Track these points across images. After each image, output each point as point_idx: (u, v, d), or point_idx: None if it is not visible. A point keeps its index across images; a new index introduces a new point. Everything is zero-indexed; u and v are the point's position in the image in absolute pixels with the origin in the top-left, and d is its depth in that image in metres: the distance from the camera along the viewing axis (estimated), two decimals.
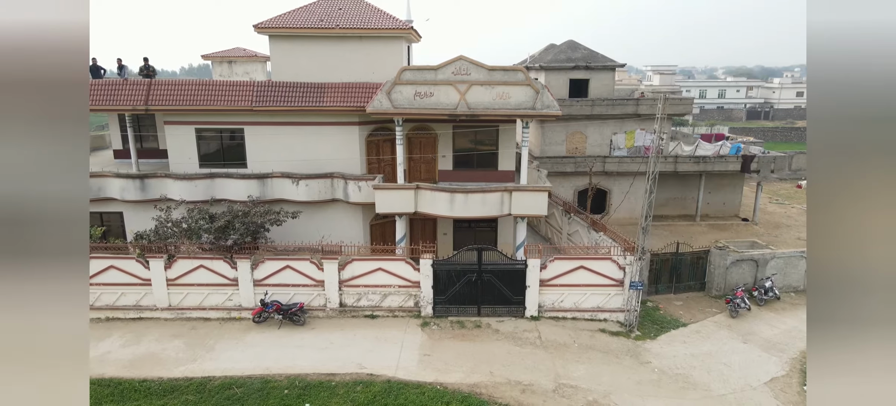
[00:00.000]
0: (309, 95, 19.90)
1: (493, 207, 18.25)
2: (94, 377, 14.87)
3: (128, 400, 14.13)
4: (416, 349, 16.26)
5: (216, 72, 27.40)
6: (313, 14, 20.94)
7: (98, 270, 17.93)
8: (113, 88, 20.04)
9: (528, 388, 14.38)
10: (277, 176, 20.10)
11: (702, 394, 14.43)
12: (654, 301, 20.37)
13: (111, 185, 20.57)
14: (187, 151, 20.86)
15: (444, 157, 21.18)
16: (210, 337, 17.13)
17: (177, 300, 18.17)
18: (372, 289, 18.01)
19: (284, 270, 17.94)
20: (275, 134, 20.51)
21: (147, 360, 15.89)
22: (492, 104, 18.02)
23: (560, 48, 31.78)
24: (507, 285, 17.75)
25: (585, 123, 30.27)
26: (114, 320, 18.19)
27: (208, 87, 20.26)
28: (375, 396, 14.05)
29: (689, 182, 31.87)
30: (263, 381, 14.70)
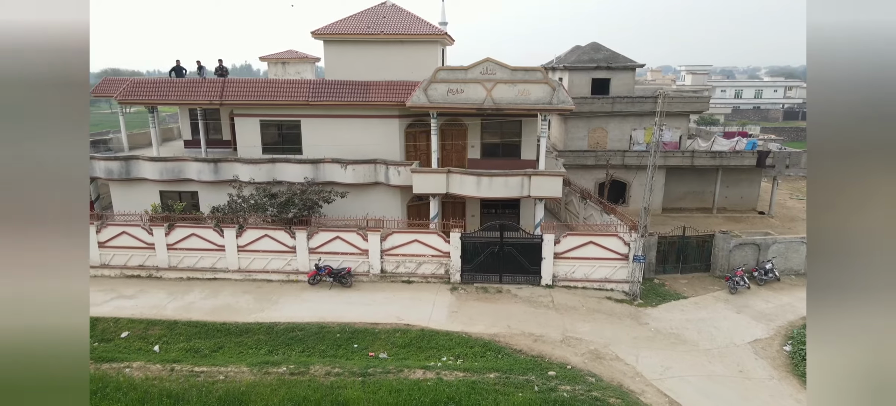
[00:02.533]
0: (356, 92, 23.03)
1: (514, 189, 20.96)
2: (183, 320, 18.35)
3: (212, 337, 17.48)
4: (445, 307, 19.13)
5: (271, 71, 30.90)
6: (361, 22, 24.10)
7: (181, 237, 21.50)
8: (194, 86, 23.69)
9: (539, 339, 17.05)
10: (328, 161, 23.28)
11: (689, 347, 16.78)
12: (661, 279, 22.59)
13: (189, 168, 24.18)
14: (253, 139, 24.33)
15: (472, 147, 23.99)
16: (273, 294, 20.42)
17: (245, 264, 21.56)
18: (408, 258, 20.97)
19: (335, 240, 21.09)
20: (326, 125, 23.75)
21: (224, 309, 19.27)
22: (514, 100, 20.73)
23: (584, 49, 34.09)
24: (525, 257, 20.43)
25: (606, 120, 32.52)
26: (193, 280, 21.71)
27: (272, 84, 23.66)
28: (411, 340, 16.98)
29: (707, 176, 33.65)
30: (319, 326, 17.82)
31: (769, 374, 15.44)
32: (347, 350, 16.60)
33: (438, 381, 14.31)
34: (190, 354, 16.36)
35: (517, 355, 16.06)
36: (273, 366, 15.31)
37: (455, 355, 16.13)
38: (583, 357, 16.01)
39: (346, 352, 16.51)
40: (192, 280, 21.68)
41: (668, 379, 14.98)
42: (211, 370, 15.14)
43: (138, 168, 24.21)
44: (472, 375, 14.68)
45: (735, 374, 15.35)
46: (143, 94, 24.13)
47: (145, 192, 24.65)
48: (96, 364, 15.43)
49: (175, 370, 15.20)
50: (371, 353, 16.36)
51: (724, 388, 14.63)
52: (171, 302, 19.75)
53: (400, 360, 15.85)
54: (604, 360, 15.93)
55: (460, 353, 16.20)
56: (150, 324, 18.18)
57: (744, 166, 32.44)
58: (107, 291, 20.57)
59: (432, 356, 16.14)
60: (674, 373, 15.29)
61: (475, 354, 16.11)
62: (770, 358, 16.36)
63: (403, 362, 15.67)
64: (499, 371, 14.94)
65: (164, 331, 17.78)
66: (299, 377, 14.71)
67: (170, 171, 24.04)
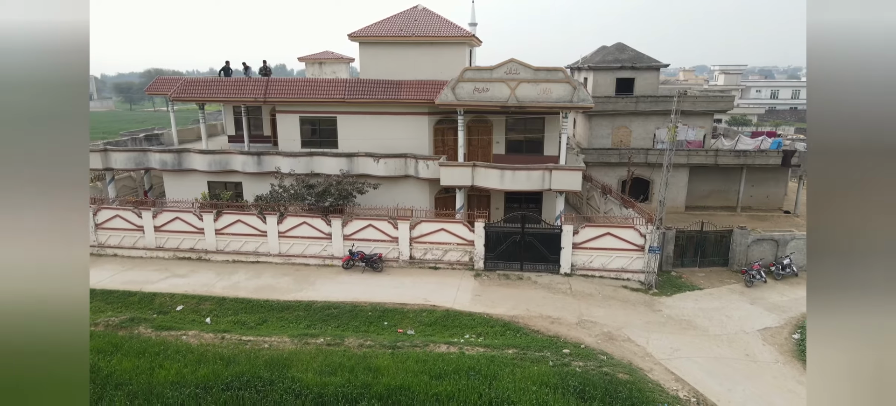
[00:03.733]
0: (389, 90, 24.59)
1: (535, 182, 22.16)
2: (231, 297, 20.22)
3: (257, 312, 19.27)
4: (469, 291, 20.48)
5: (309, 71, 32.87)
6: (394, 24, 25.67)
7: (228, 223, 23.46)
8: (241, 85, 25.69)
9: (556, 321, 18.23)
10: (362, 155, 24.92)
11: (699, 333, 17.69)
12: (679, 272, 23.40)
13: (234, 160, 26.19)
14: (292, 134, 26.19)
15: (497, 143, 25.27)
16: (310, 276, 22.16)
17: (285, 249, 23.37)
18: (435, 245, 22.41)
19: (367, 228, 22.69)
20: (361, 121, 25.41)
21: (266, 288, 21.09)
22: (537, 98, 21.92)
23: (609, 50, 34.92)
24: (545, 246, 21.60)
25: (630, 118, 33.28)
26: (238, 262, 23.66)
27: (311, 83, 25.46)
28: (437, 319, 18.40)
29: (732, 175, 34.00)
30: (352, 305, 19.42)
31: (775, 358, 16.26)
32: (378, 327, 18.13)
33: (461, 355, 15.67)
34: (238, 326, 18.17)
35: (534, 335, 17.30)
36: (311, 337, 16.96)
37: (477, 333, 17.47)
38: (596, 338, 17.13)
39: (377, 328, 18.03)
40: (237, 262, 23.63)
41: (675, 359, 15.97)
42: (257, 339, 16.88)
43: (189, 160, 26.36)
44: (492, 351, 15.99)
45: (741, 357, 16.22)
46: (194, 93, 26.27)
47: (195, 182, 26.79)
48: (156, 331, 17.39)
49: (225, 338, 17.01)
50: (400, 330, 17.84)
51: (729, 368, 15.54)
52: (220, 281, 21.69)
53: (426, 336, 17.28)
54: (616, 341, 17.02)
55: (482, 332, 17.53)
56: (201, 299, 20.12)
57: (769, 165, 32.71)
58: (162, 271, 22.70)
59: (456, 334, 17.51)
60: (682, 354, 16.26)
61: (495, 333, 17.41)
62: (778, 344, 17.14)
63: (429, 338, 17.09)
64: (517, 347, 16.21)
65: (214, 305, 19.69)
66: (335, 347, 16.29)
67: (217, 163, 26.10)
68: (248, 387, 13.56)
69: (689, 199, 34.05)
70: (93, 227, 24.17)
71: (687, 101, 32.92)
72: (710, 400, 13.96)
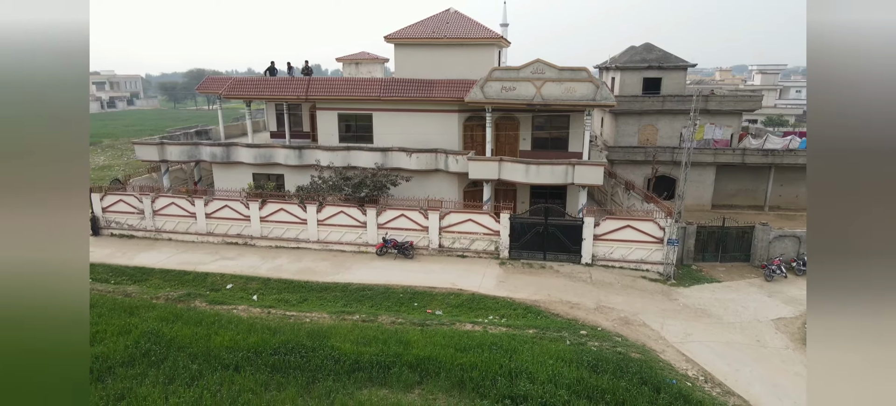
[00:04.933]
0: (421, 89, 26.08)
1: (559, 176, 23.27)
2: (274, 278, 22.06)
3: (298, 292, 21.02)
4: (494, 278, 21.77)
5: (346, 71, 34.67)
6: (427, 27, 27.16)
7: (271, 211, 25.38)
8: (285, 83, 27.65)
9: (575, 306, 19.35)
10: (396, 149, 26.48)
11: (713, 320, 18.53)
12: (699, 266, 24.13)
13: (277, 154, 28.14)
14: (331, 129, 27.98)
15: (524, 140, 26.47)
16: (346, 261, 23.84)
17: (323, 236, 25.13)
18: (463, 235, 23.77)
19: (399, 218, 24.23)
20: (395, 118, 26.99)
21: (306, 271, 22.86)
22: (561, 96, 23.03)
23: (637, 50, 35.58)
24: (567, 237, 22.70)
25: (657, 117, 33.90)
26: (280, 248, 25.56)
27: (349, 82, 27.19)
28: (463, 302, 19.76)
29: (760, 174, 34.24)
30: (385, 288, 20.97)
31: (785, 344, 16.99)
32: (409, 307, 19.61)
33: (484, 333, 16.99)
34: (281, 303, 19.95)
35: (554, 318, 18.47)
36: (348, 314, 18.58)
37: (500, 315, 18.76)
38: (613, 322, 18.18)
39: (408, 308, 19.51)
40: (279, 248, 25.53)
41: (687, 343, 16.90)
42: (299, 315, 18.60)
43: (237, 153, 28.46)
44: (514, 330, 17.26)
45: (752, 343, 17.02)
46: (243, 91, 28.37)
47: (241, 173, 28.89)
48: (210, 305, 19.33)
49: (271, 313, 18.79)
50: (428, 311, 19.28)
51: (739, 352, 16.38)
52: (264, 264, 23.59)
53: (453, 316, 18.67)
54: (631, 325, 18.03)
55: (505, 314, 18.81)
56: (248, 279, 22.03)
57: (798, 165, 32.83)
58: (212, 253, 24.78)
59: (480, 315, 18.84)
60: (694, 338, 17.18)
61: (517, 315, 18.67)
62: (790, 333, 17.83)
63: (456, 318, 18.48)
64: (537, 328, 17.43)
65: (260, 285, 21.55)
66: (369, 323, 17.85)
67: (262, 156, 28.11)
68: (293, 352, 15.18)
69: (716, 197, 34.42)
70: (151, 213, 26.48)
71: (714, 100, 33.34)
72: (717, 378, 14.89)
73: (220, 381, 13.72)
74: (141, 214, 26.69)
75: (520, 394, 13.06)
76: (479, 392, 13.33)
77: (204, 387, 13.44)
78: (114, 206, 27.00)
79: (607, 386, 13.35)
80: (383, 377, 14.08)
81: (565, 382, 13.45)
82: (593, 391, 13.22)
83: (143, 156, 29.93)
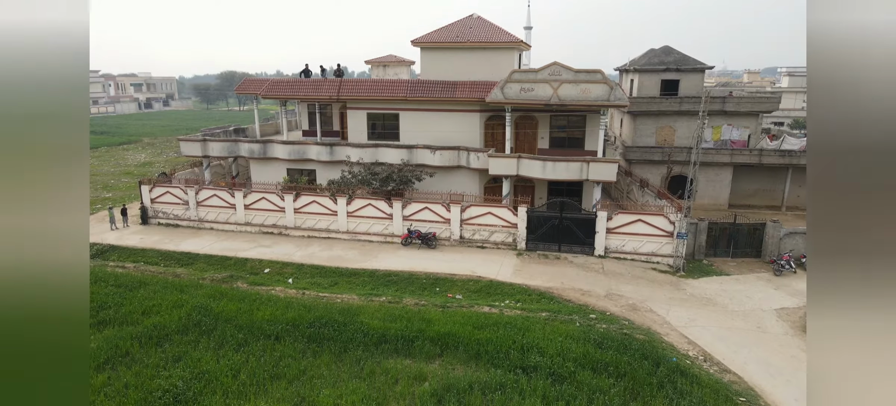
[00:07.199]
0: (445, 90, 27.66)
1: (574, 172, 24.56)
2: (308, 264, 23.90)
3: (329, 277, 22.81)
4: (511, 267, 23.19)
5: (374, 73, 36.45)
6: (452, 31, 28.76)
7: (304, 203, 27.28)
8: (319, 84, 29.57)
9: (586, 293, 20.65)
10: (421, 147, 28.12)
11: (718, 308, 19.60)
12: (710, 261, 25.06)
13: (310, 150, 30.08)
14: (360, 127, 29.80)
15: (542, 138, 27.80)
16: (373, 250, 25.56)
17: (352, 227, 26.92)
18: (483, 227, 25.24)
19: (423, 210, 25.84)
20: (420, 117, 28.64)
21: (337, 258, 24.66)
22: (577, 97, 24.32)
23: (655, 52, 36.52)
24: (581, 230, 23.97)
25: (674, 118, 34.78)
26: (312, 238, 27.45)
27: (378, 83, 28.95)
28: (481, 288, 21.25)
29: (777, 175, 34.76)
30: (409, 274, 22.59)
31: (785, 331, 17.99)
32: (431, 292, 21.19)
33: (500, 314, 18.45)
34: (314, 286, 21.74)
35: (566, 303, 19.81)
36: (375, 296, 20.25)
37: (515, 300, 20.18)
38: (621, 308, 19.43)
39: (430, 292, 21.09)
40: (311, 238, 27.42)
41: (691, 327, 18.06)
42: (330, 296, 20.35)
43: (272, 149, 30.50)
44: (528, 313, 18.67)
45: (753, 329, 18.07)
46: (279, 92, 30.41)
47: (276, 168, 30.92)
48: (251, 286, 21.26)
49: (305, 293, 20.59)
50: (449, 295, 20.81)
51: (739, 336, 17.46)
52: (298, 251, 25.48)
53: (471, 300, 20.18)
54: (639, 311, 19.25)
55: (520, 299, 20.23)
56: (284, 265, 23.93)
57: None
58: (250, 241, 26.81)
59: (497, 299, 20.30)
60: (698, 324, 18.31)
61: (532, 300, 20.06)
62: (791, 321, 18.80)
63: (474, 301, 19.97)
64: (549, 311, 18.81)
65: (294, 270, 23.42)
66: (395, 304, 19.48)
67: (296, 153, 30.08)
68: (327, 326, 16.89)
69: (733, 197, 35.08)
70: (194, 204, 28.69)
71: (731, 101, 34.08)
72: (716, 358, 16.05)
73: (263, 348, 15.51)
74: (185, 205, 28.92)
75: (530, 365, 14.48)
76: (493, 363, 14.79)
77: (249, 352, 15.25)
78: (161, 197, 29.30)
79: (610, 359, 14.68)
80: (408, 349, 15.66)
81: (572, 356, 14.81)
82: (597, 364, 14.56)
83: (187, 151, 32.22)
